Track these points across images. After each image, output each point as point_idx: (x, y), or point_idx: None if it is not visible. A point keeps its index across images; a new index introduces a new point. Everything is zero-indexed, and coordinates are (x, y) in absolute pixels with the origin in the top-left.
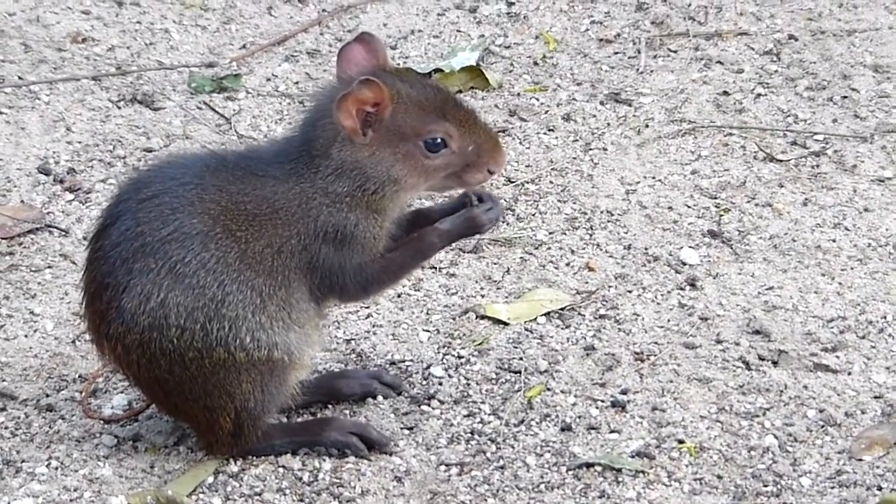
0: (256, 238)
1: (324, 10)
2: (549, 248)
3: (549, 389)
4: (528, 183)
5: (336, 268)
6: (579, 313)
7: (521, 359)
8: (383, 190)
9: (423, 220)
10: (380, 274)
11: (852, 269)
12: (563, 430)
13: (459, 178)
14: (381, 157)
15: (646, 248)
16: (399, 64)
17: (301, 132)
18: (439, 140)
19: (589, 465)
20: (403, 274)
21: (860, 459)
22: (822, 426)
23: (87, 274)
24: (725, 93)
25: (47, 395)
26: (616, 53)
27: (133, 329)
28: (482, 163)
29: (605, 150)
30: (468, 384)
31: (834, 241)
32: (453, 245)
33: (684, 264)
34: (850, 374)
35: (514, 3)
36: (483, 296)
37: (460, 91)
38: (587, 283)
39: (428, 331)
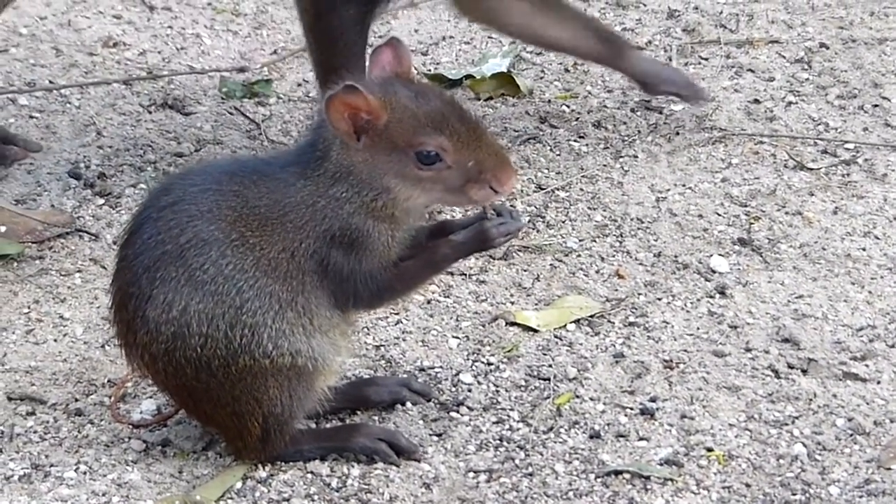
0: (271, 243)
1: None
2: (578, 256)
3: (578, 397)
4: (558, 190)
5: (347, 273)
6: (609, 321)
7: (550, 366)
8: (380, 198)
9: (446, 232)
10: (392, 282)
11: (882, 277)
12: (591, 437)
13: (462, 194)
14: (375, 165)
15: (675, 256)
16: (430, 70)
17: (310, 134)
18: (432, 153)
19: (617, 473)
20: (416, 284)
21: (889, 468)
22: (851, 435)
23: (114, 282)
24: (756, 101)
25: (76, 400)
26: None
27: (158, 338)
28: (484, 179)
29: (635, 157)
30: (497, 391)
31: (864, 249)
32: (483, 252)
33: (714, 272)
34: (879, 382)
35: None
36: (513, 303)
37: (491, 97)
38: (617, 290)
39: (457, 337)
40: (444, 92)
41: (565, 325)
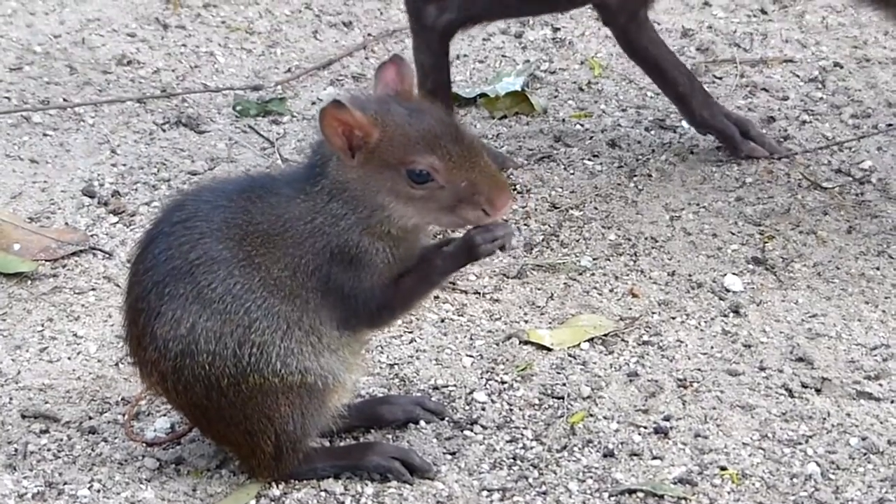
0: (273, 262)
1: (369, 35)
2: (592, 274)
3: (591, 415)
4: (572, 209)
5: (348, 290)
6: (622, 339)
7: (564, 384)
8: (374, 215)
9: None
10: (391, 300)
11: None
12: (605, 456)
13: (455, 214)
14: (368, 182)
15: (689, 275)
16: None
17: (311, 150)
18: (423, 171)
19: (631, 492)
20: (414, 300)
21: None
22: (865, 454)
23: (125, 299)
24: (771, 119)
25: (90, 418)
26: None
27: (166, 356)
28: (476, 201)
29: (649, 176)
30: (511, 409)
31: (878, 269)
32: (496, 270)
33: (728, 291)
34: (893, 402)
35: (559, 29)
36: (526, 321)
37: (505, 116)
38: (630, 309)
39: (471, 356)
40: (443, 111)
41: (579, 344)
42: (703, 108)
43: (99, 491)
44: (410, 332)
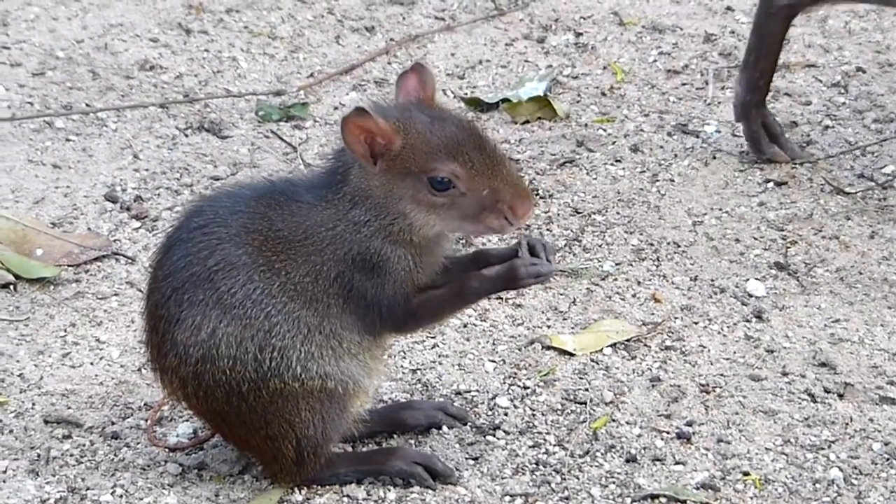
0: (295, 267)
1: (391, 40)
2: (615, 280)
3: (614, 420)
4: (594, 214)
5: (371, 297)
6: (645, 345)
7: (586, 390)
8: (396, 223)
9: (481, 263)
10: (418, 309)
11: None
12: (628, 461)
13: (477, 222)
14: (390, 189)
15: (712, 280)
16: (467, 93)
17: (332, 157)
18: (445, 179)
19: (654, 497)
20: (442, 315)
21: None
22: (888, 459)
23: (145, 306)
24: (793, 124)
25: (113, 423)
26: (684, 84)
27: (187, 361)
28: (499, 209)
29: (672, 181)
30: (533, 415)
31: None
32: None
33: (750, 296)
34: None
35: (582, 34)
36: (549, 326)
37: (527, 121)
38: (653, 314)
39: (494, 361)
40: (465, 119)
41: (602, 349)
42: (755, 106)
43: (121, 496)
44: (433, 338)
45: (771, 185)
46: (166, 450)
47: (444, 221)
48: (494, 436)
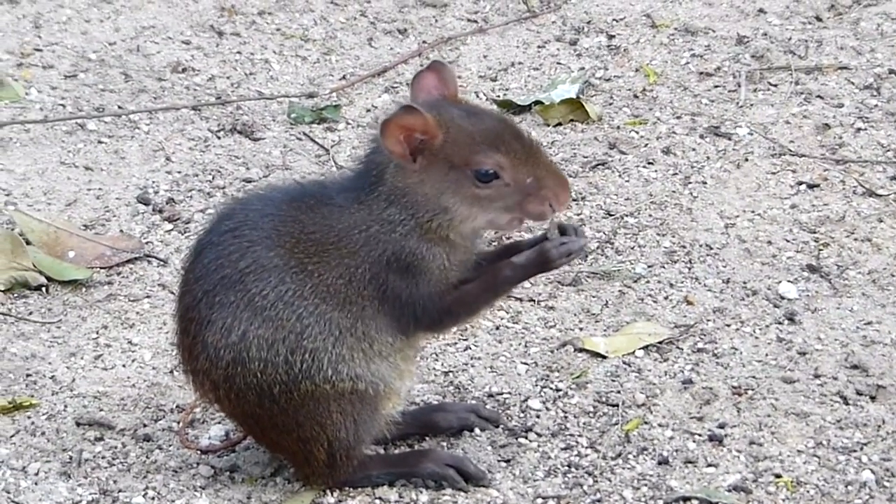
0: (328, 269)
1: (424, 42)
2: (647, 282)
3: (646, 423)
4: (627, 216)
5: (406, 298)
6: (677, 347)
7: (618, 392)
8: (436, 219)
9: (511, 253)
10: (453, 306)
11: None
12: (660, 463)
13: (521, 210)
14: (432, 185)
15: (744, 283)
16: (499, 96)
17: (364, 159)
18: (490, 171)
19: (686, 499)
20: (479, 308)
21: None
22: None
23: (176, 309)
24: (826, 126)
25: (145, 426)
26: (716, 87)
27: (218, 364)
28: (543, 196)
29: (704, 183)
30: (566, 417)
31: None
32: (551, 278)
33: (783, 298)
34: None
35: (614, 37)
36: (581, 329)
37: (560, 123)
38: (685, 316)
39: (526, 363)
40: (496, 111)
41: (634, 352)
42: None
43: (153, 498)
44: (465, 340)
45: (803, 187)
46: (198, 452)
47: (486, 213)
48: (526, 438)
